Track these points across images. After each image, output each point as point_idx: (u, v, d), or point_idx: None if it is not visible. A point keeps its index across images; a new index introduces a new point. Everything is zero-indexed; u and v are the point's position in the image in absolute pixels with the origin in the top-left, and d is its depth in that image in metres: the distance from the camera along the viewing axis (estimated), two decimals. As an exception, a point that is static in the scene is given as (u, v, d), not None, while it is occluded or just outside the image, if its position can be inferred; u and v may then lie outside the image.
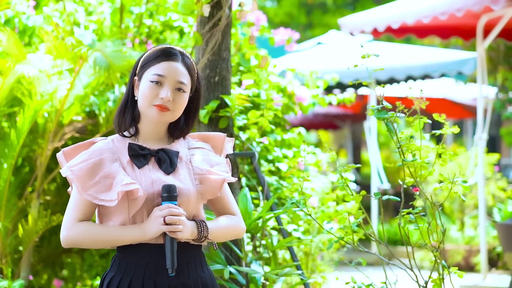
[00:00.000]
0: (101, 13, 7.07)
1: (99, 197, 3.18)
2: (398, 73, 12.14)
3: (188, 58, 3.32)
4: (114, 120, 3.35)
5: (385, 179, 12.62)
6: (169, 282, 3.21)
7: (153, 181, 3.20)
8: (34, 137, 6.35)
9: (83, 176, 3.18)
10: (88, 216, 3.27)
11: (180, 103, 3.25)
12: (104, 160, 3.23)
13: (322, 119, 19.88)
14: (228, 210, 3.42)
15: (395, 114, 3.95)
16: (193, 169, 3.29)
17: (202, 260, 3.34)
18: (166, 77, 3.24)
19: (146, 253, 3.21)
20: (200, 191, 3.27)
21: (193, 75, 3.31)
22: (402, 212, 4.03)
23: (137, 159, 3.25)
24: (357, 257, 4.19)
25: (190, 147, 3.36)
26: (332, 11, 24.12)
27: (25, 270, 6.33)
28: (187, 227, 3.18)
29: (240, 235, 3.44)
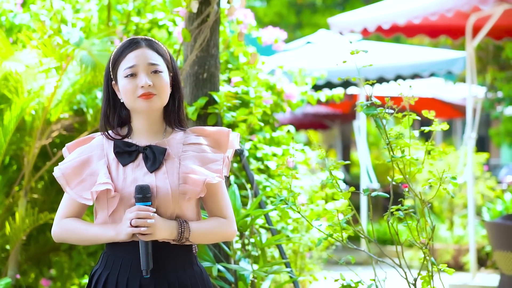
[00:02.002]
0: (88, 11, 7.03)
1: (82, 195, 3.21)
2: (388, 73, 12.14)
3: (154, 42, 3.28)
4: (99, 124, 3.33)
5: (375, 178, 12.61)
6: (141, 281, 3.17)
7: (132, 180, 3.18)
8: (22, 135, 6.31)
9: (70, 174, 3.23)
10: (76, 213, 3.28)
11: (161, 84, 3.21)
12: (92, 158, 3.25)
13: (311, 119, 19.89)
14: (219, 212, 3.33)
15: (384, 110, 3.94)
16: (180, 166, 3.22)
17: (187, 261, 3.27)
18: (137, 66, 3.20)
19: (124, 250, 3.20)
20: (183, 191, 3.19)
21: (164, 55, 3.27)
22: (391, 209, 4.02)
23: (121, 156, 3.22)
24: (346, 256, 4.17)
25: (186, 142, 3.29)
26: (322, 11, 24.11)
27: (12, 269, 6.29)
28: (161, 228, 3.12)
29: (229, 238, 3.36)
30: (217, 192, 3.31)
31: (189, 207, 3.25)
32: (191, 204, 3.26)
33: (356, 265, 4.62)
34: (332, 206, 6.79)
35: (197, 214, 3.30)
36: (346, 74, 4.18)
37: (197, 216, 3.30)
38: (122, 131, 3.31)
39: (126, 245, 3.19)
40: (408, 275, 4.08)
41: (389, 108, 3.95)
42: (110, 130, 3.29)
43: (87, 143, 3.33)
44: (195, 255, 3.33)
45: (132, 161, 3.22)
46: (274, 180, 6.19)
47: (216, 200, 3.32)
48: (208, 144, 3.32)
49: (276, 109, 6.76)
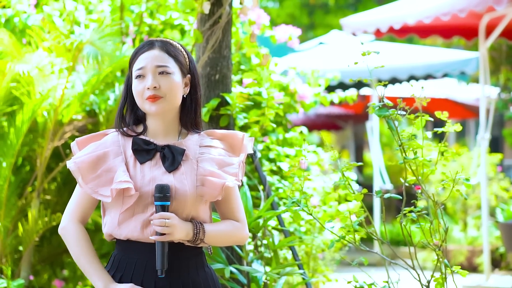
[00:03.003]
0: (101, 12, 7.04)
1: (98, 191, 3.18)
2: (401, 73, 12.11)
3: (168, 43, 3.27)
4: (115, 120, 3.33)
5: (388, 179, 12.58)
6: (156, 282, 3.17)
7: (150, 179, 3.17)
8: (34, 136, 6.32)
9: (85, 168, 3.20)
10: (87, 210, 3.28)
11: (168, 86, 3.20)
12: (108, 153, 3.23)
13: (324, 119, 19.87)
14: (232, 215, 3.33)
15: (396, 111, 3.92)
16: (198, 168, 3.22)
17: (199, 262, 3.27)
18: (145, 67, 3.21)
19: (138, 252, 3.19)
20: (200, 193, 3.19)
21: (177, 57, 3.25)
22: (404, 211, 4.00)
23: (139, 154, 3.21)
24: (359, 257, 4.15)
25: (202, 145, 3.28)
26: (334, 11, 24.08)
27: (25, 270, 6.30)
28: (179, 228, 3.12)
29: (241, 242, 3.37)
30: (231, 195, 3.31)
31: (204, 209, 3.25)
32: (205, 206, 3.26)
33: (369, 266, 4.60)
34: (345, 207, 6.77)
35: (210, 217, 3.31)
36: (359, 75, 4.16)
37: (210, 219, 3.30)
38: (137, 129, 3.31)
39: (140, 248, 3.19)
40: (421, 276, 4.05)
41: (401, 109, 3.92)
42: (124, 127, 3.29)
43: (100, 139, 3.31)
44: (205, 257, 3.33)
45: (149, 160, 3.21)
46: (286, 182, 6.17)
47: (230, 203, 3.32)
48: (223, 148, 3.32)
49: (289, 110, 6.75)
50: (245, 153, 3.36)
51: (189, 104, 3.30)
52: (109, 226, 3.24)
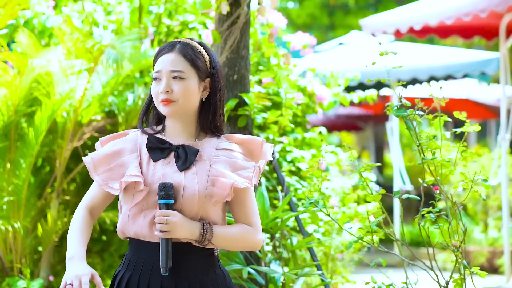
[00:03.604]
0: (120, 13, 7.06)
1: (108, 183, 3.22)
2: (421, 74, 12.05)
3: (189, 47, 3.27)
4: (138, 117, 3.38)
5: (408, 180, 12.54)
6: (162, 282, 3.18)
7: (161, 177, 3.19)
8: (54, 137, 6.35)
9: (99, 161, 3.25)
10: (96, 200, 3.30)
11: (180, 91, 3.20)
12: (124, 150, 3.28)
13: (344, 120, 19.82)
14: (246, 219, 3.29)
15: (414, 112, 3.90)
16: (210, 169, 3.22)
17: (209, 264, 3.26)
18: (161, 71, 3.23)
19: (146, 251, 3.21)
20: (210, 193, 3.18)
21: (194, 61, 3.24)
22: (422, 211, 3.98)
23: (153, 151, 3.24)
24: (378, 258, 4.14)
25: (219, 147, 3.28)
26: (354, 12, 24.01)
27: (44, 270, 6.33)
28: (181, 226, 3.11)
29: (254, 247, 3.31)
30: (245, 199, 3.28)
31: (215, 211, 3.23)
32: (217, 208, 3.24)
33: (389, 267, 4.59)
34: (364, 208, 6.74)
35: (223, 219, 3.28)
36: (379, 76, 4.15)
37: (222, 222, 3.28)
38: (158, 128, 3.34)
39: (148, 247, 3.19)
40: (440, 278, 4.03)
41: (420, 110, 3.90)
42: (146, 126, 3.34)
43: (121, 138, 3.36)
44: (218, 259, 3.31)
45: (163, 158, 3.23)
46: (305, 182, 6.16)
47: (244, 207, 3.29)
48: (241, 152, 3.31)
49: (308, 111, 6.74)
50: (265, 159, 3.35)
51: (207, 108, 3.29)
52: (120, 222, 3.27)
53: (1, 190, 6.01)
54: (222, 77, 3.35)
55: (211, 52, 3.34)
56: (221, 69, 3.35)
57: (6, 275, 6.07)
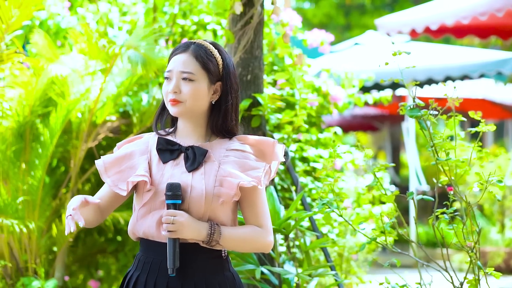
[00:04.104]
0: (134, 14, 7.07)
1: (118, 185, 3.25)
2: (436, 74, 12.00)
3: (202, 48, 3.27)
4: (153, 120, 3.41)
5: (424, 180, 12.49)
6: (169, 283, 3.18)
7: (169, 177, 3.20)
8: (68, 138, 6.36)
9: (111, 163, 3.30)
10: (104, 203, 3.32)
11: (188, 93, 3.21)
12: (135, 152, 3.31)
13: (360, 120, 19.77)
14: (255, 220, 3.26)
15: (428, 112, 3.88)
16: (219, 170, 3.21)
17: (218, 265, 3.25)
18: (172, 71, 3.25)
19: (154, 251, 3.22)
20: (217, 193, 3.17)
21: (206, 64, 3.24)
22: (436, 212, 3.96)
23: (163, 153, 3.26)
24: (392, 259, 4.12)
25: (229, 148, 3.27)
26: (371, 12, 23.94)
27: (59, 271, 6.34)
28: (187, 226, 3.12)
29: (264, 249, 3.29)
30: (255, 200, 3.26)
31: (224, 211, 3.22)
32: (226, 209, 3.23)
33: (404, 268, 4.57)
34: (379, 209, 6.72)
35: (233, 220, 3.27)
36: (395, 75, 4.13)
37: (233, 223, 3.27)
38: (170, 129, 3.36)
39: (156, 247, 3.20)
40: (454, 278, 4.01)
41: (434, 110, 3.89)
42: (160, 127, 3.36)
43: (135, 141, 3.40)
44: (227, 261, 3.30)
45: (173, 159, 3.24)
46: (320, 183, 6.15)
47: (254, 208, 3.27)
48: (252, 153, 3.29)
49: (322, 111, 6.72)
50: (277, 161, 3.33)
51: (217, 111, 3.29)
52: (130, 223, 3.29)
53: (16, 190, 6.02)
54: (235, 81, 3.34)
55: (226, 55, 3.33)
56: (235, 73, 3.34)
57: (21, 275, 6.09)
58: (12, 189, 6.03)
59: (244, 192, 3.22)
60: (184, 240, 3.16)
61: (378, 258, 4.88)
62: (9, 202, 5.97)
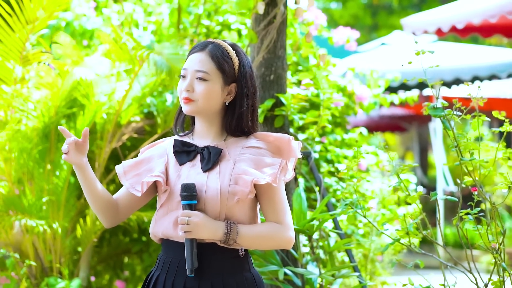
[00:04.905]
0: (159, 14, 7.08)
1: (135, 186, 3.28)
2: (464, 74, 11.92)
3: (218, 48, 3.26)
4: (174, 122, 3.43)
5: (451, 181, 12.42)
6: (186, 283, 3.18)
7: (185, 178, 3.22)
8: (93, 138, 6.38)
9: (130, 167, 3.35)
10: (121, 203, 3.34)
11: (200, 92, 3.21)
12: (153, 156, 3.35)
13: (388, 121, 19.69)
14: (274, 217, 3.24)
15: (452, 111, 3.84)
16: (234, 168, 3.20)
17: (237, 265, 3.23)
18: (187, 69, 3.26)
19: (173, 251, 3.23)
20: (232, 191, 3.16)
21: (221, 65, 3.24)
22: (460, 213, 3.93)
23: (179, 155, 3.27)
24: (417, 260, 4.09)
25: (245, 146, 3.26)
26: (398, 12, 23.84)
27: (84, 271, 6.36)
28: (203, 226, 3.11)
29: (285, 245, 3.26)
30: (273, 196, 3.24)
31: (241, 209, 3.21)
32: (243, 207, 3.22)
33: (430, 269, 4.55)
34: (404, 210, 6.68)
35: (251, 218, 3.25)
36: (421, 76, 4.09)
37: (251, 221, 3.25)
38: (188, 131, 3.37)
39: (176, 247, 3.20)
40: (479, 280, 3.98)
41: (457, 110, 3.85)
42: (180, 128, 3.38)
43: (157, 145, 3.43)
44: (248, 261, 3.28)
45: (190, 161, 3.25)
46: (344, 183, 6.12)
47: (272, 204, 3.24)
48: (269, 150, 3.28)
49: (348, 111, 6.69)
50: (294, 157, 3.31)
51: (231, 112, 3.28)
52: (151, 224, 3.31)
53: (41, 190, 6.05)
54: (252, 83, 3.32)
55: (243, 57, 3.32)
56: (252, 75, 3.32)
57: (45, 275, 6.12)
58: (37, 189, 6.05)
59: (261, 189, 3.21)
60: (202, 240, 3.16)
61: (402, 259, 4.84)
62: (34, 202, 5.99)
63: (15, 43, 6.01)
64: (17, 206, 5.95)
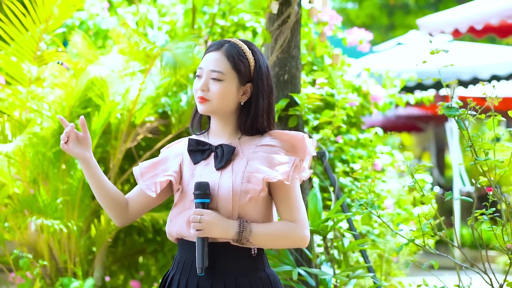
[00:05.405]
0: (174, 14, 7.07)
1: (151, 188, 3.28)
2: (482, 73, 11.85)
3: (235, 48, 3.25)
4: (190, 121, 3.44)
5: (468, 181, 12.36)
6: (199, 282, 3.17)
7: (198, 177, 3.21)
8: (108, 138, 6.38)
9: (147, 168, 3.35)
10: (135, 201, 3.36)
11: (215, 92, 3.20)
12: (170, 156, 3.36)
13: (404, 121, 19.61)
14: (288, 215, 3.21)
15: (467, 111, 3.81)
16: (247, 166, 3.19)
17: (251, 265, 3.21)
18: (202, 69, 3.25)
19: (187, 250, 3.23)
20: (245, 190, 3.15)
21: (237, 65, 3.22)
22: (475, 213, 3.90)
23: (193, 154, 3.27)
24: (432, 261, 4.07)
25: (259, 144, 3.24)
26: (414, 12, 23.73)
27: (98, 271, 6.36)
28: (215, 225, 3.10)
29: (299, 244, 3.23)
30: (288, 194, 3.21)
31: (254, 208, 3.19)
32: (257, 205, 3.20)
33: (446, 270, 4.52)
34: (420, 210, 6.64)
35: (265, 216, 3.23)
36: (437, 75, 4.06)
37: (265, 219, 3.23)
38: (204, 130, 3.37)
39: (190, 246, 3.19)
40: (494, 281, 3.95)
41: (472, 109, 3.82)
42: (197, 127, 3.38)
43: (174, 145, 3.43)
44: (262, 261, 3.26)
45: (204, 159, 3.25)
46: (359, 183, 6.09)
47: (286, 203, 3.22)
48: (283, 147, 3.26)
49: (363, 111, 6.66)
50: (308, 155, 3.29)
51: (246, 112, 3.26)
52: (167, 224, 3.32)
53: (56, 190, 6.05)
54: (268, 83, 3.30)
55: (259, 57, 3.30)
56: (268, 75, 3.30)
57: (60, 275, 6.12)
58: (51, 189, 6.06)
59: (275, 187, 3.20)
60: (215, 239, 3.15)
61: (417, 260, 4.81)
62: (48, 202, 6.00)
63: (29, 43, 6.02)
64: (32, 206, 5.96)
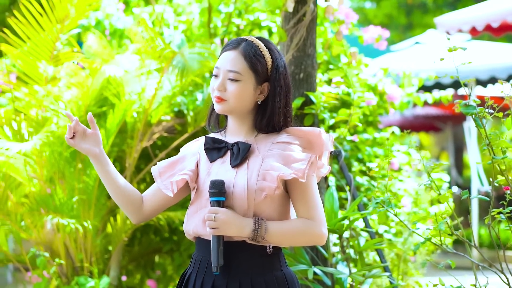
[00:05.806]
0: (190, 13, 7.07)
1: (169, 187, 3.28)
2: (500, 72, 11.78)
3: (252, 47, 3.21)
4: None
5: (486, 181, 12.28)
6: (214, 281, 3.16)
7: (214, 175, 3.20)
8: (123, 137, 6.38)
9: (165, 167, 3.35)
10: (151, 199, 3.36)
11: (232, 92, 3.17)
12: (187, 155, 3.36)
13: (422, 121, 19.53)
14: (305, 213, 3.17)
15: (484, 109, 3.78)
16: (262, 164, 3.16)
17: (267, 264, 3.18)
18: (219, 68, 3.22)
19: (203, 249, 3.22)
20: (260, 187, 3.12)
21: (254, 64, 3.19)
22: (492, 212, 3.87)
23: (210, 152, 3.26)
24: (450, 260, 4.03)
25: (275, 141, 3.22)
26: (433, 11, 23.65)
27: (114, 270, 6.36)
28: (229, 223, 3.08)
29: (316, 241, 3.19)
30: (304, 192, 3.18)
31: (270, 206, 3.16)
32: (273, 203, 3.17)
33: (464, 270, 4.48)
34: (437, 209, 6.60)
35: (282, 214, 3.20)
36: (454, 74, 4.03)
37: (282, 217, 3.20)
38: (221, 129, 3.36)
39: (206, 245, 3.18)
40: (511, 280, 3.91)
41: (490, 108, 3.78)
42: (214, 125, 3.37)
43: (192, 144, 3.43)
44: (279, 260, 3.23)
45: (220, 157, 3.24)
46: (375, 182, 6.06)
47: (303, 200, 3.18)
48: (300, 144, 3.23)
49: (379, 110, 6.63)
50: (326, 150, 3.27)
51: (263, 111, 3.24)
52: (184, 222, 3.31)
53: (72, 189, 6.06)
54: (285, 82, 3.27)
55: (277, 55, 3.27)
56: (285, 73, 3.27)
57: (76, 274, 6.13)
58: (68, 188, 6.07)
59: (291, 184, 3.17)
60: (230, 238, 3.13)
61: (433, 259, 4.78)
62: (65, 201, 6.00)
63: (46, 43, 6.03)
64: (49, 205, 5.96)
